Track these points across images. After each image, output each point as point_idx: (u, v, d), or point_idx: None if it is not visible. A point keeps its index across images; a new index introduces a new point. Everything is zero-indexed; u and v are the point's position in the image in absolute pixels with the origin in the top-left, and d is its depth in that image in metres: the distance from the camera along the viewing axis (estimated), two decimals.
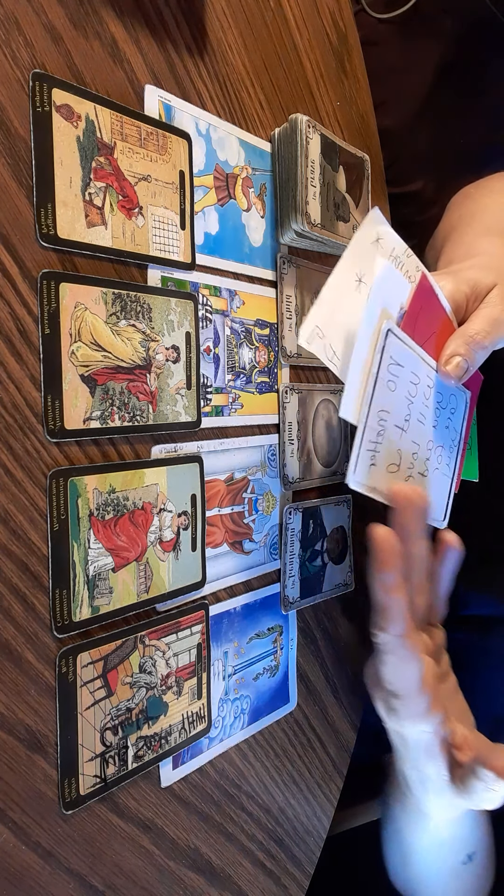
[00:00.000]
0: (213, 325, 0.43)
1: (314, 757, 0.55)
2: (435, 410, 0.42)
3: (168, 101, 0.40)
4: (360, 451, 0.36)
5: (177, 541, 0.40)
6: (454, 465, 0.46)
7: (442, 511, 0.45)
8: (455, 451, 0.46)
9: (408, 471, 0.40)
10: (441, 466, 0.44)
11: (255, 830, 0.49)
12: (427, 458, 0.42)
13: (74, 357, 0.34)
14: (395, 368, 0.38)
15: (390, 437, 0.38)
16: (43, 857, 0.35)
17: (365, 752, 0.60)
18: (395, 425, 0.38)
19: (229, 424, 0.45)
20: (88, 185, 0.35)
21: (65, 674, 0.34)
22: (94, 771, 0.36)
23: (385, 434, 0.38)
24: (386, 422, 0.38)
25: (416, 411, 0.40)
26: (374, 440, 0.37)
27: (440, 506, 0.45)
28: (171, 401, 0.40)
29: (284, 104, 0.49)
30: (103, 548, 0.36)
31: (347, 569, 0.56)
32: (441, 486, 0.44)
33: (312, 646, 0.54)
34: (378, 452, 0.37)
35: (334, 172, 0.49)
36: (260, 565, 0.48)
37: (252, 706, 0.48)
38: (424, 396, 0.41)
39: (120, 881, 0.38)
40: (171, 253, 0.40)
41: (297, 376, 0.52)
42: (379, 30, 0.65)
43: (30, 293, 0.33)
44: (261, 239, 0.47)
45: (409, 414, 0.39)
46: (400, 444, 0.39)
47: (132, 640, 0.38)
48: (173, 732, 0.41)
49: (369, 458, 0.37)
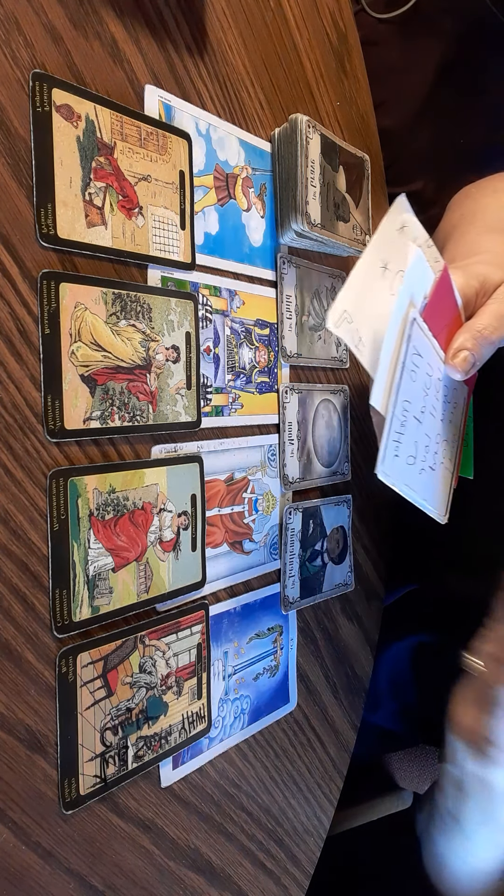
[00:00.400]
0: (213, 325, 0.43)
1: (314, 757, 0.55)
2: (443, 404, 0.42)
3: (168, 101, 0.40)
4: (388, 442, 0.36)
5: (177, 541, 0.40)
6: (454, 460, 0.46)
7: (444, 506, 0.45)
8: (455, 447, 0.46)
9: (422, 464, 0.40)
10: (445, 461, 0.44)
11: (255, 830, 0.49)
12: (436, 451, 0.42)
13: (74, 357, 0.34)
14: (417, 359, 0.37)
15: (410, 428, 0.38)
16: (43, 857, 0.35)
17: (365, 752, 0.60)
18: (414, 416, 0.38)
19: (229, 424, 0.45)
20: (88, 185, 0.35)
21: (65, 674, 0.34)
22: (94, 771, 0.36)
23: (407, 425, 0.37)
24: (408, 412, 0.37)
25: (430, 404, 0.40)
26: (398, 430, 0.37)
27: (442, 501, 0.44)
28: (171, 401, 0.40)
29: (284, 104, 0.49)
30: (103, 548, 0.36)
31: (347, 569, 0.56)
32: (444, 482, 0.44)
33: (312, 646, 0.54)
34: (400, 444, 0.37)
35: (334, 172, 0.49)
36: (260, 565, 0.48)
37: (252, 706, 0.48)
38: (436, 389, 0.41)
39: (120, 881, 0.38)
40: (171, 253, 0.40)
41: (297, 376, 0.52)
42: (379, 30, 0.65)
43: (30, 293, 0.33)
44: (261, 239, 0.47)
45: (424, 406, 0.39)
46: (417, 437, 0.39)
47: (132, 640, 0.38)
48: (173, 732, 0.41)
49: (394, 449, 0.37)
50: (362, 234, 0.53)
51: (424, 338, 0.38)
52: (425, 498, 0.40)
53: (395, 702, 0.71)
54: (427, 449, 0.40)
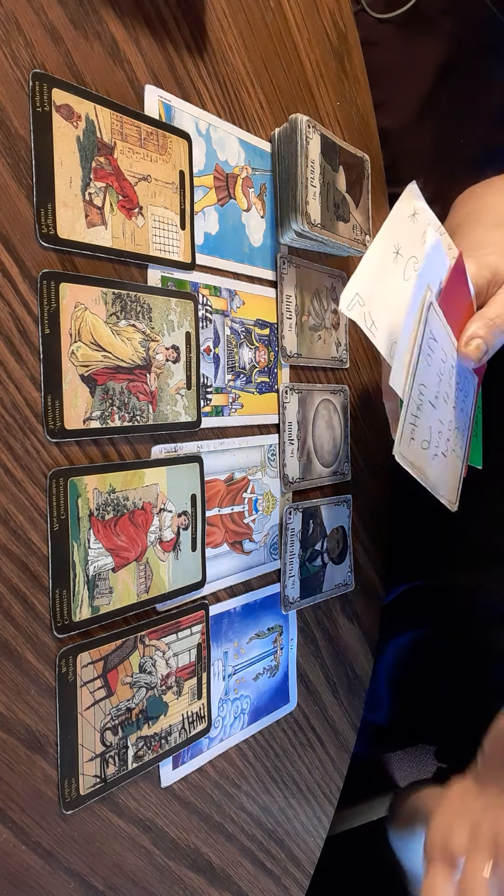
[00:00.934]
0: (213, 325, 0.43)
1: (314, 757, 0.55)
2: (455, 391, 0.42)
3: (168, 101, 0.40)
4: (405, 424, 0.36)
5: (177, 541, 0.40)
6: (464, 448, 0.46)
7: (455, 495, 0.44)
8: (465, 435, 0.46)
9: (435, 449, 0.40)
10: (456, 449, 0.44)
11: (255, 830, 0.49)
12: (448, 438, 0.42)
13: (74, 357, 0.34)
14: (433, 343, 0.37)
15: (426, 412, 0.38)
16: (43, 857, 0.35)
17: (365, 752, 0.60)
18: (429, 401, 0.38)
19: (229, 424, 0.45)
20: (88, 185, 0.35)
21: (65, 674, 0.34)
22: (94, 771, 0.36)
23: (422, 409, 0.37)
24: (424, 396, 0.37)
25: (443, 390, 0.40)
26: (415, 413, 0.37)
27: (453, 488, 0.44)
28: (171, 401, 0.40)
29: (284, 104, 0.49)
30: (103, 548, 0.36)
31: (347, 569, 0.56)
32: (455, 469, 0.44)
33: (312, 646, 0.54)
34: (416, 427, 0.37)
35: (334, 172, 0.49)
36: (260, 565, 0.48)
37: (252, 706, 0.48)
38: (449, 376, 0.41)
39: (120, 881, 0.38)
40: (171, 253, 0.40)
41: (296, 376, 0.52)
42: (379, 30, 0.65)
43: (30, 293, 0.33)
44: (261, 239, 0.47)
45: (438, 391, 0.39)
46: (430, 422, 0.39)
47: (132, 640, 0.38)
48: (173, 732, 0.41)
49: (410, 432, 0.37)
50: (362, 234, 0.53)
51: (440, 323, 0.38)
52: (437, 483, 0.40)
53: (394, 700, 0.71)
54: (440, 435, 0.40)
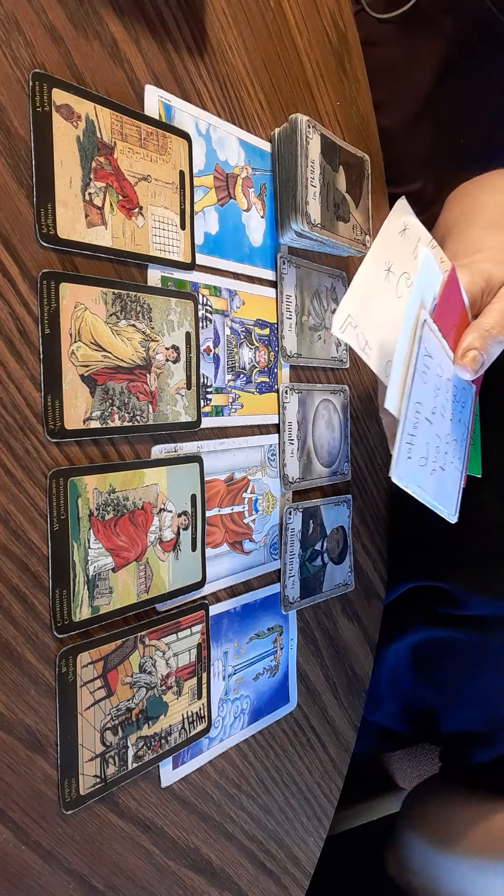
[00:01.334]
0: (213, 325, 0.43)
1: (314, 757, 0.55)
2: (452, 404, 0.42)
3: (168, 101, 0.40)
4: (401, 444, 0.36)
5: (177, 541, 0.40)
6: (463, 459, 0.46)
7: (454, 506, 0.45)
8: (464, 446, 0.46)
9: (433, 465, 0.40)
10: (455, 461, 0.44)
11: (255, 830, 0.49)
12: (446, 451, 0.42)
13: (74, 357, 0.34)
14: (428, 360, 0.37)
15: (422, 429, 0.38)
16: (43, 857, 0.35)
17: (365, 751, 0.60)
18: (425, 418, 0.38)
19: (229, 424, 0.45)
20: (88, 185, 0.35)
21: (65, 674, 0.34)
22: (94, 771, 0.36)
23: (419, 427, 0.38)
24: (420, 414, 0.37)
25: (440, 404, 0.40)
26: (411, 433, 0.37)
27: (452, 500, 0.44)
28: (171, 401, 0.40)
29: (284, 104, 0.49)
30: (103, 548, 0.36)
31: (347, 569, 0.56)
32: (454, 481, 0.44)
33: (312, 646, 0.54)
34: (413, 445, 0.37)
35: (334, 172, 0.49)
36: (260, 565, 0.48)
37: (252, 706, 0.48)
38: (446, 389, 0.41)
39: (120, 881, 0.38)
40: (171, 253, 0.40)
41: (297, 376, 0.52)
42: (379, 30, 0.65)
43: (30, 293, 0.33)
44: (261, 239, 0.47)
45: (435, 407, 0.39)
46: (428, 438, 0.39)
47: (132, 640, 0.38)
48: (173, 732, 0.41)
49: (407, 451, 0.37)
50: (362, 234, 0.53)
51: (435, 339, 0.38)
52: (437, 498, 0.40)
53: (394, 700, 0.72)
54: (438, 450, 0.41)
